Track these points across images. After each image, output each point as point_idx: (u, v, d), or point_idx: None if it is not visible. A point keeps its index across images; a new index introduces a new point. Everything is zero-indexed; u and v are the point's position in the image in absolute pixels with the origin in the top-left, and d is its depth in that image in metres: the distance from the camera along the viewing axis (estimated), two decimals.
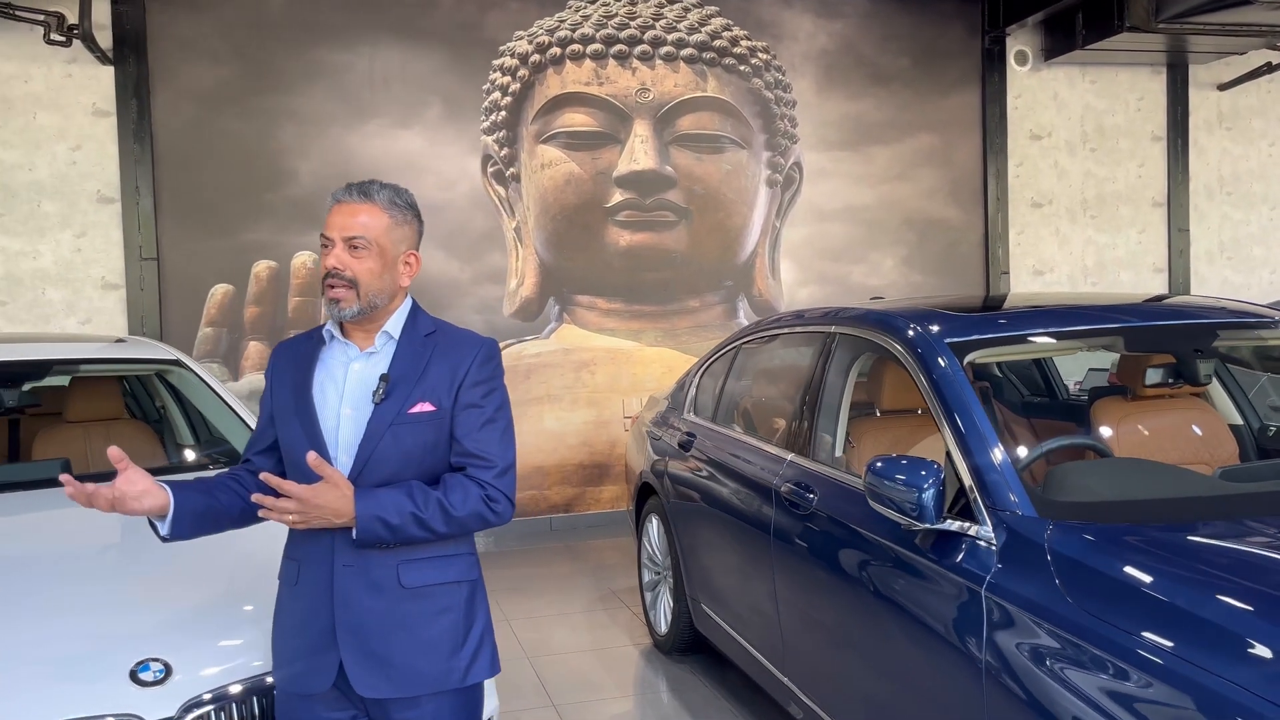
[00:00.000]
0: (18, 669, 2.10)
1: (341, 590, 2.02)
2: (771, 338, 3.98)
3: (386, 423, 2.04)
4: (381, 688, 2.01)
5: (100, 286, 6.40)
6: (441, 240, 6.93)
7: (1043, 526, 2.20)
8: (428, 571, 2.06)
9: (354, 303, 2.05)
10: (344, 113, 6.74)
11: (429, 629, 2.05)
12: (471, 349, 2.14)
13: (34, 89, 6.26)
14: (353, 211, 2.07)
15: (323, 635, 2.02)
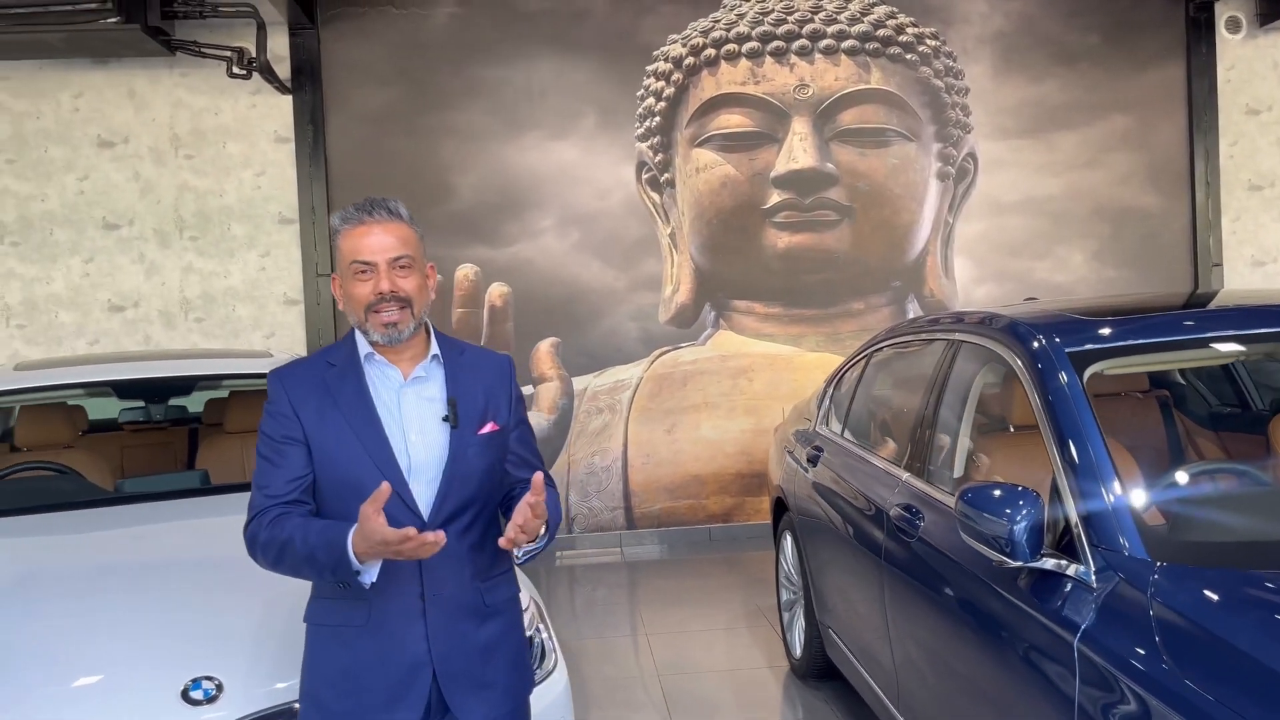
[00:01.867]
0: (74, 682, 2.20)
1: (434, 621, 1.98)
2: (900, 344, 3.69)
3: (466, 444, 2.02)
4: (479, 710, 2.00)
5: (282, 302, 6.82)
6: (596, 249, 6.94)
7: (1150, 571, 1.87)
8: (500, 588, 2.10)
9: (409, 322, 2.01)
10: (501, 127, 6.88)
11: (512, 642, 2.10)
12: (509, 368, 2.19)
13: (223, 120, 6.75)
14: (388, 231, 2.00)
15: (410, 669, 1.96)
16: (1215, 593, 1.77)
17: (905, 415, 3.31)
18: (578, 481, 6.97)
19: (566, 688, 2.70)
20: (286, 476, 2.00)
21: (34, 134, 6.65)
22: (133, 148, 6.71)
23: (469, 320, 6.88)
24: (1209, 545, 1.99)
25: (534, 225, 6.92)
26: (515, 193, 6.89)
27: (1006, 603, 2.18)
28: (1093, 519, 2.06)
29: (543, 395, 6.94)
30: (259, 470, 2.02)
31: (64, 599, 2.53)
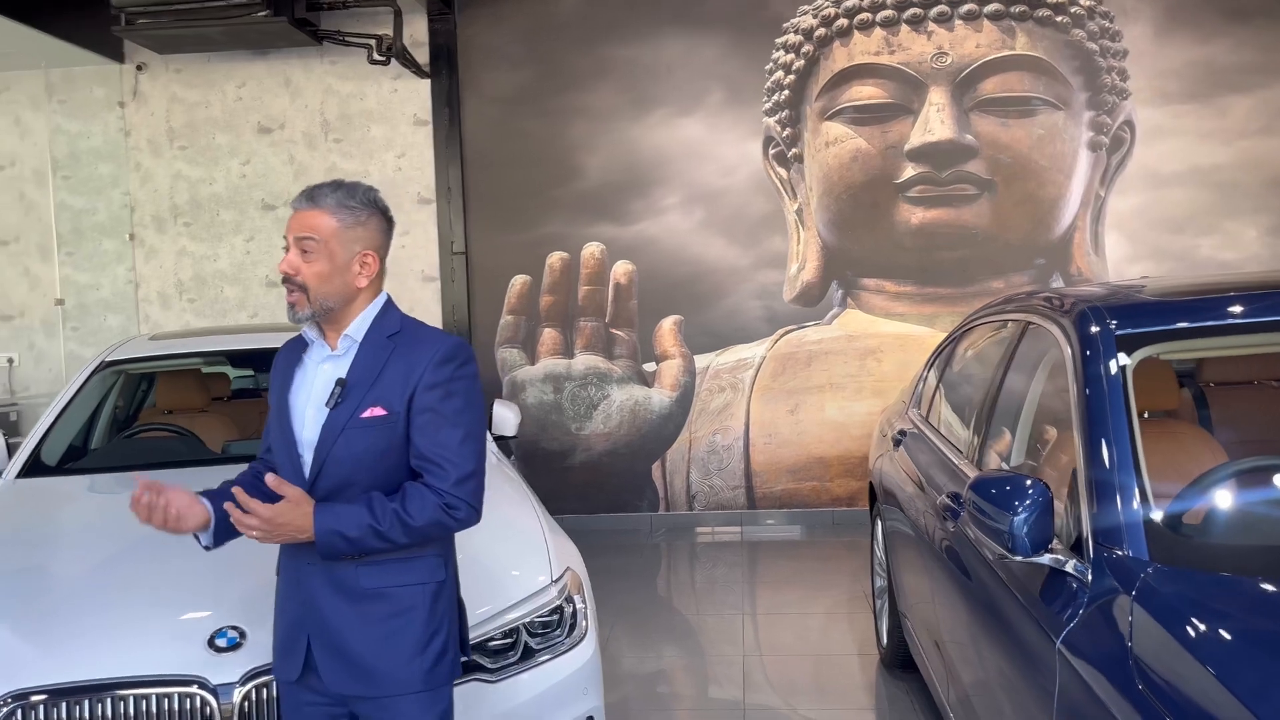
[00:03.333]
0: (113, 624, 2.41)
1: (308, 589, 2.07)
2: (984, 325, 3.49)
3: (340, 427, 2.04)
4: (348, 684, 2.04)
5: (420, 279, 7.14)
6: (721, 226, 6.90)
7: (1140, 573, 1.72)
8: (387, 574, 2.05)
9: (305, 306, 2.04)
10: (628, 105, 6.92)
11: (389, 630, 2.04)
12: (429, 351, 2.07)
13: (368, 105, 7.11)
14: (301, 216, 2.06)
15: (292, 628, 2.10)
16: (1196, 600, 1.60)
17: (973, 400, 3.14)
18: (698, 459, 6.98)
19: (592, 660, 2.74)
20: (264, 440, 2.24)
21: (204, 122, 7.21)
22: (288, 133, 7.16)
23: (594, 298, 6.99)
24: (1231, 550, 1.80)
25: (659, 203, 6.94)
26: (641, 171, 6.93)
27: (1011, 599, 2.06)
28: (1101, 515, 1.90)
29: (665, 372, 6.98)
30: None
31: (122, 548, 2.78)
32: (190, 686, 2.26)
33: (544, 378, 7.03)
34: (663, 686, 4.16)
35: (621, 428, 7.00)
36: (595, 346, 7.00)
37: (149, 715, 2.22)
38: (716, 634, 4.82)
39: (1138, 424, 2.06)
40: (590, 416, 7.02)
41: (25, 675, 2.25)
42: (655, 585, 5.88)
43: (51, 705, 2.20)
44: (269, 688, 2.31)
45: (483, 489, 2.07)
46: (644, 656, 4.54)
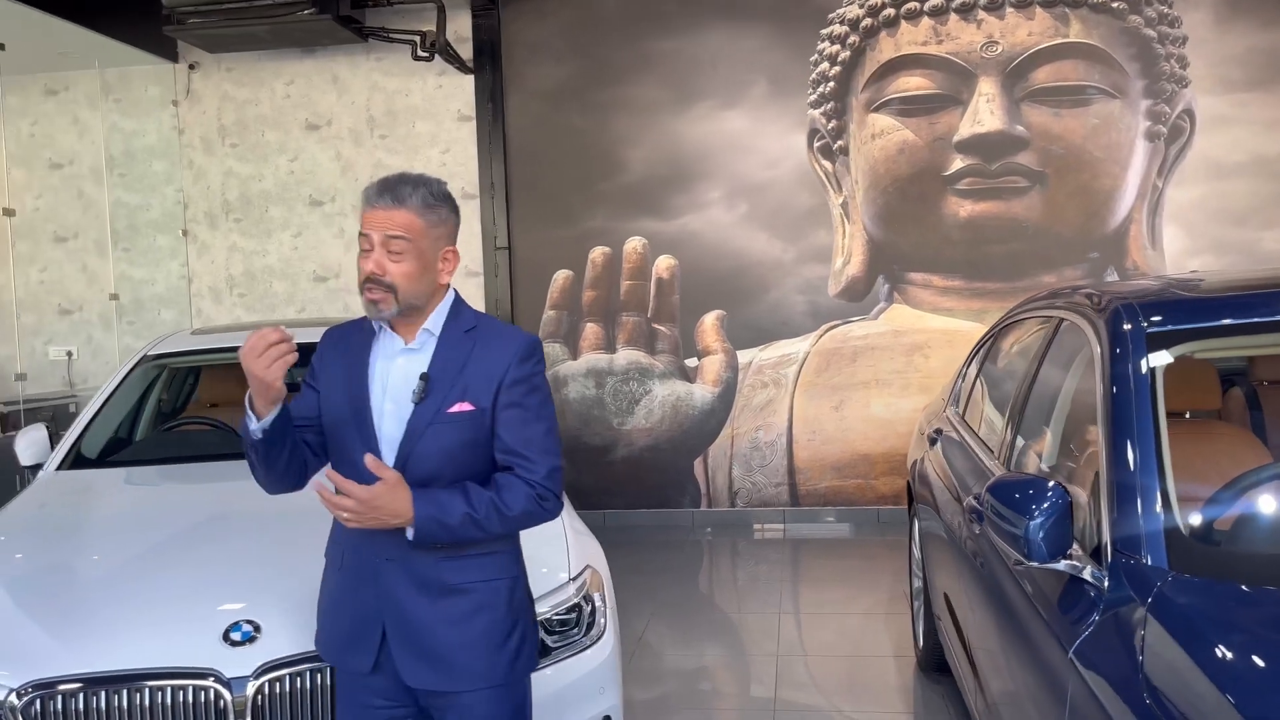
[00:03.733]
0: (133, 614, 2.45)
1: (386, 585, 2.05)
2: (1022, 321, 3.39)
3: (426, 421, 2.03)
4: (428, 680, 2.04)
5: (464, 274, 7.17)
6: (764, 220, 6.82)
7: (1156, 582, 1.64)
8: (470, 569, 2.05)
9: (392, 305, 2.03)
10: (671, 99, 6.87)
11: (472, 625, 2.04)
12: (511, 347, 2.09)
13: (413, 101, 7.16)
14: (388, 215, 2.03)
15: (365, 622, 2.06)
16: (1212, 613, 1.52)
17: (1007, 400, 3.05)
18: (741, 455, 6.92)
19: (610, 659, 2.71)
20: (297, 412, 2.13)
21: (253, 119, 7.33)
22: (335, 129, 7.24)
23: (636, 293, 6.96)
24: (1260, 559, 1.71)
25: (702, 197, 6.89)
26: (684, 164, 6.88)
27: (1031, 606, 1.98)
28: (1120, 520, 1.83)
29: (707, 368, 6.93)
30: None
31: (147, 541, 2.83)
32: (204, 679, 2.28)
33: (586, 372, 7.03)
34: (699, 683, 4.13)
35: (663, 423, 6.97)
36: (637, 341, 6.97)
37: (164, 707, 2.25)
38: (754, 631, 4.77)
39: (1165, 426, 1.97)
40: (632, 412, 7.00)
41: (47, 665, 2.29)
42: (695, 581, 5.84)
43: (71, 695, 2.24)
44: (282, 682, 2.32)
45: (563, 480, 2.10)
46: (681, 652, 4.51)
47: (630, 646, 4.56)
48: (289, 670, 2.33)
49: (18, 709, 2.24)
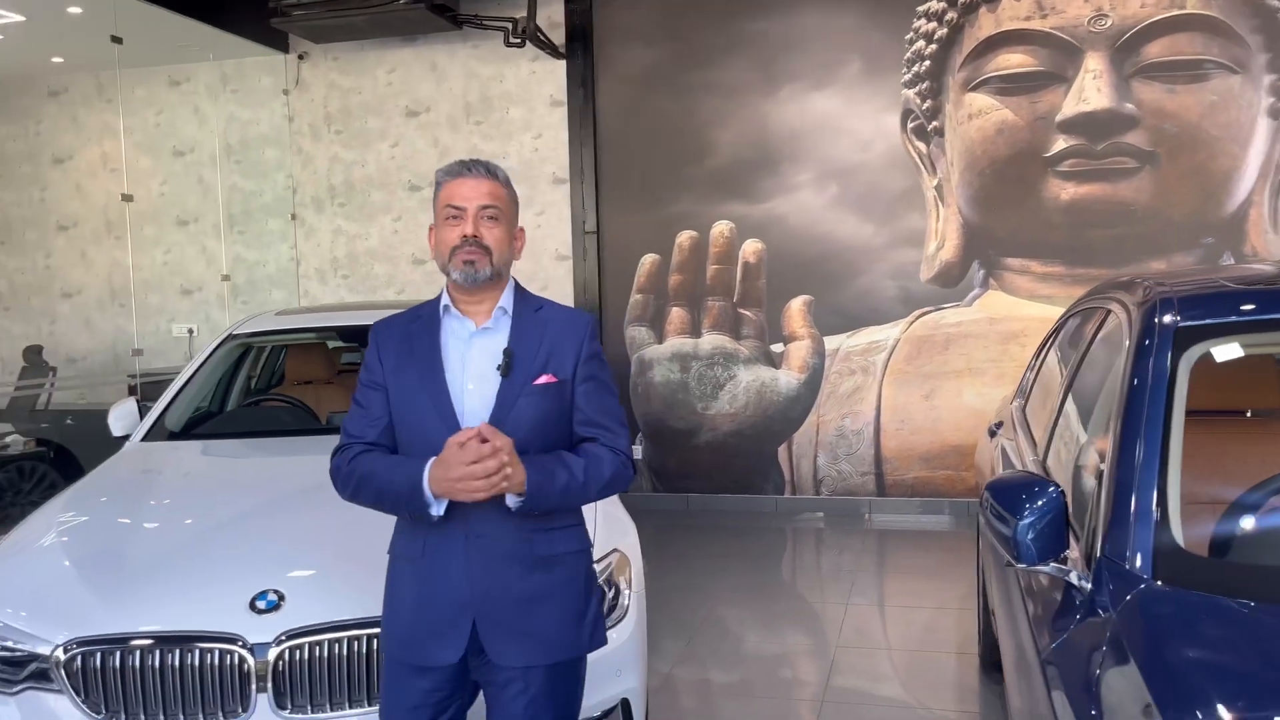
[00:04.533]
0: (171, 582, 2.60)
1: (476, 564, 2.05)
2: (1082, 311, 3.24)
3: (515, 394, 2.07)
4: (517, 657, 2.05)
5: (554, 258, 7.27)
6: (854, 203, 6.67)
7: (1129, 590, 1.56)
8: (556, 541, 2.10)
9: (487, 267, 2.08)
10: (761, 81, 6.79)
11: (562, 597, 2.08)
12: (584, 324, 2.19)
13: (507, 87, 7.28)
14: (487, 185, 2.10)
15: (454, 608, 2.05)
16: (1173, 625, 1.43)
17: (1051, 394, 2.92)
18: (826, 443, 6.81)
19: (632, 639, 2.73)
20: (368, 419, 2.14)
21: (357, 107, 7.58)
22: (433, 116, 7.43)
23: (722, 277, 6.92)
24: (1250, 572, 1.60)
25: (790, 180, 6.78)
26: (772, 147, 6.79)
27: (1024, 607, 1.91)
28: (1114, 523, 1.73)
29: (793, 354, 6.84)
30: (349, 412, 2.20)
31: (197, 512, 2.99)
32: (231, 644, 2.41)
33: (671, 356, 7.04)
34: (752, 668, 4.11)
35: (748, 409, 6.93)
36: (723, 326, 6.94)
37: (193, 668, 2.39)
38: (819, 620, 4.71)
39: (1179, 425, 1.85)
40: (716, 396, 6.97)
41: (90, 625, 2.46)
42: (770, 568, 5.79)
43: (109, 653, 2.40)
44: (302, 649, 2.43)
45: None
46: (740, 637, 4.49)
47: (692, 629, 4.57)
48: (309, 639, 2.43)
49: (61, 663, 2.42)
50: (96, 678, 2.40)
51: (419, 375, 2.12)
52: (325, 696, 2.43)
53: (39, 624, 2.50)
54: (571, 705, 2.16)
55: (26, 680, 2.45)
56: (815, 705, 3.74)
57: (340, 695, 2.43)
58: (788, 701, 3.81)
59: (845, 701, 3.77)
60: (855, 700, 3.79)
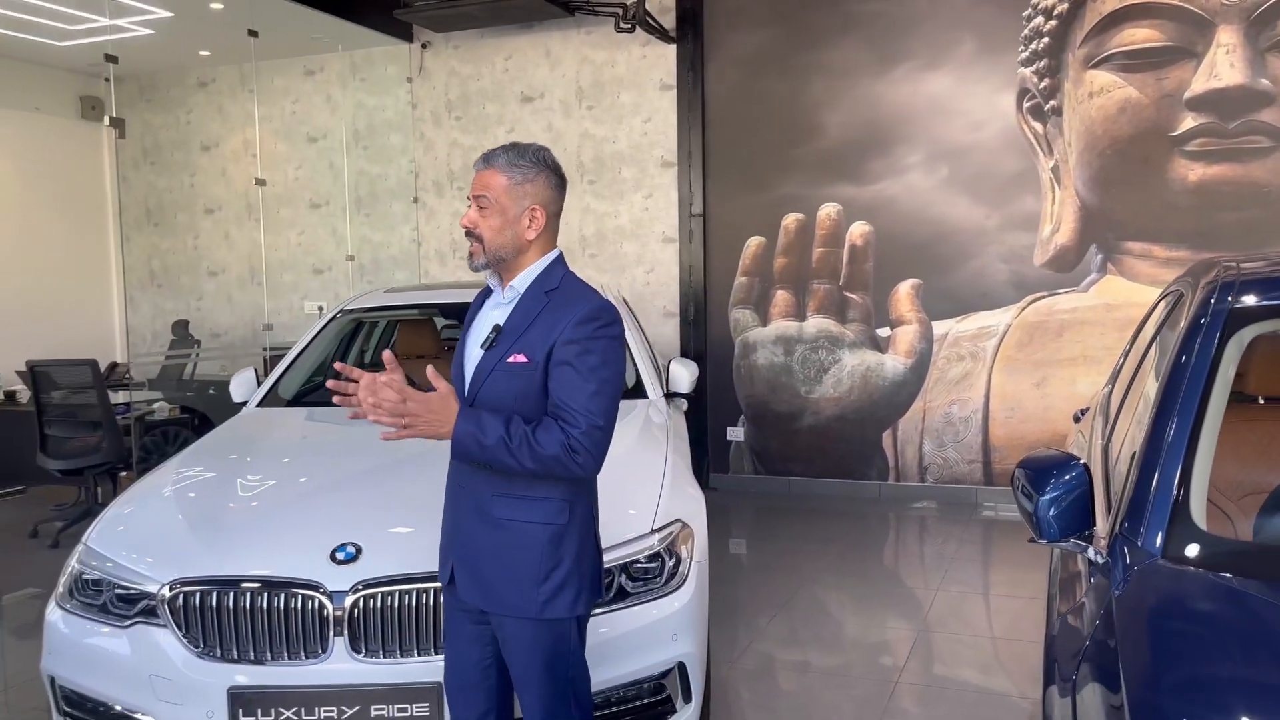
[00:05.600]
0: (264, 532, 2.82)
1: (454, 508, 2.30)
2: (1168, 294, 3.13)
3: (489, 368, 2.22)
4: (475, 597, 2.25)
5: (661, 240, 7.37)
6: (966, 185, 6.53)
7: (1135, 568, 1.55)
8: (516, 508, 2.21)
9: (481, 256, 2.22)
10: (871, 61, 6.70)
11: (511, 559, 2.21)
12: (575, 310, 2.19)
13: (618, 72, 7.40)
14: (479, 176, 2.24)
15: (445, 537, 2.33)
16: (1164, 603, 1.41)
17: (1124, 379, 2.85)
18: (933, 430, 6.71)
19: (688, 606, 2.80)
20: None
21: (475, 94, 7.85)
22: (546, 102, 7.62)
23: (829, 260, 6.88)
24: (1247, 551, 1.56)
25: (900, 162, 6.68)
26: (882, 128, 6.70)
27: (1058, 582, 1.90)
28: (1135, 503, 1.72)
29: (900, 338, 6.75)
30: None
31: (293, 469, 3.23)
32: (312, 590, 2.61)
33: (775, 339, 7.05)
34: (830, 650, 4.13)
35: (852, 393, 6.88)
36: (828, 309, 6.91)
37: (278, 611, 2.60)
38: (906, 605, 4.69)
39: (1218, 407, 1.81)
40: (820, 380, 6.95)
41: (191, 567, 2.70)
42: (866, 553, 5.76)
43: (206, 593, 2.64)
44: (375, 598, 2.61)
45: (607, 443, 2.17)
46: (823, 619, 4.52)
47: (776, 607, 4.62)
48: (382, 589, 2.61)
49: (165, 600, 2.67)
50: (196, 615, 2.65)
51: (462, 337, 2.37)
52: (396, 643, 2.60)
53: (149, 566, 2.76)
54: (560, 659, 2.24)
55: (137, 616, 2.72)
56: (889, 685, 3.75)
57: (409, 643, 2.60)
58: (863, 680, 3.83)
59: (919, 683, 3.76)
60: (930, 682, 3.77)
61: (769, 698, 3.72)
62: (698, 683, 2.86)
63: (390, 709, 2.56)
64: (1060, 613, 1.71)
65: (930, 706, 3.62)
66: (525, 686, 2.26)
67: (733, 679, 3.85)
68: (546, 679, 2.24)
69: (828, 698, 3.70)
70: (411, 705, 2.56)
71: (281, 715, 2.56)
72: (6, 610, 4.95)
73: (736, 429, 7.22)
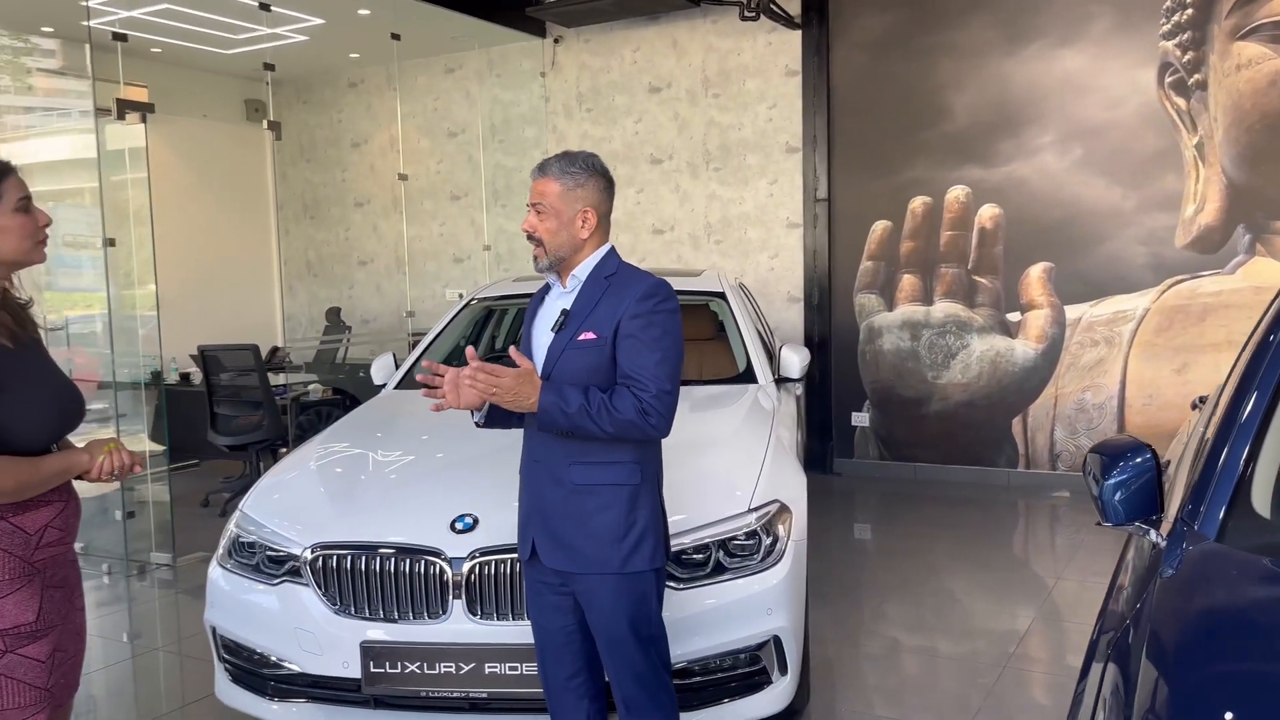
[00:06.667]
0: (393, 502, 3.08)
1: (532, 481, 2.51)
2: None
3: (561, 348, 2.44)
4: (559, 561, 2.44)
5: (785, 226, 7.43)
6: (1102, 165, 6.33)
7: (1187, 549, 1.59)
8: (595, 473, 2.42)
9: (544, 257, 2.47)
10: (1001, 40, 6.56)
11: (593, 520, 2.41)
12: (636, 288, 2.42)
13: (743, 60, 7.48)
14: (536, 185, 2.48)
15: (525, 517, 2.53)
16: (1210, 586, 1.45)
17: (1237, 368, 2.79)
18: (1065, 417, 6.55)
19: (784, 582, 2.91)
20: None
21: (605, 86, 8.07)
22: (673, 91, 7.77)
23: (957, 244, 6.80)
24: None
25: (1031, 142, 6.53)
26: (1012, 109, 6.56)
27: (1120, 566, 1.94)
28: (1198, 486, 1.74)
29: (1030, 323, 6.61)
30: None
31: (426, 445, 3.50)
32: (434, 556, 2.86)
33: (901, 324, 7.01)
34: (936, 631, 4.17)
35: (980, 379, 6.78)
36: (956, 294, 6.82)
37: (404, 574, 2.86)
38: (1026, 592, 4.65)
39: None
40: (948, 365, 6.88)
41: (330, 532, 2.99)
42: (994, 541, 5.70)
43: (343, 556, 2.92)
44: (492, 565, 2.84)
45: (674, 408, 2.39)
46: (939, 602, 4.54)
47: (889, 589, 4.67)
48: (495, 557, 2.83)
49: (308, 562, 2.97)
50: (334, 576, 2.93)
51: (528, 327, 2.61)
52: (508, 607, 2.82)
53: (294, 531, 3.07)
54: (642, 614, 2.43)
55: (284, 575, 3.03)
56: (996, 670, 3.76)
57: (520, 608, 2.81)
58: (969, 664, 3.85)
59: (1023, 669, 3.76)
60: (1034, 669, 3.77)
61: (874, 676, 3.79)
62: (793, 656, 2.97)
63: (502, 666, 2.78)
64: (1114, 594, 1.76)
65: (1033, 693, 3.62)
66: (610, 645, 2.44)
67: (840, 657, 3.94)
68: (630, 636, 2.42)
69: (932, 680, 3.75)
70: (521, 664, 2.78)
71: (406, 668, 2.81)
72: (181, 571, 5.49)
73: (861, 414, 7.23)
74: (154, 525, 5.80)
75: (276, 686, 3.04)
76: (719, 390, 4.16)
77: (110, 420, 5.98)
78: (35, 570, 2.01)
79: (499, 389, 2.30)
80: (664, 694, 2.53)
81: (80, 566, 2.21)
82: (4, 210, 2.01)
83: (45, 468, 2.01)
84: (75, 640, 2.14)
